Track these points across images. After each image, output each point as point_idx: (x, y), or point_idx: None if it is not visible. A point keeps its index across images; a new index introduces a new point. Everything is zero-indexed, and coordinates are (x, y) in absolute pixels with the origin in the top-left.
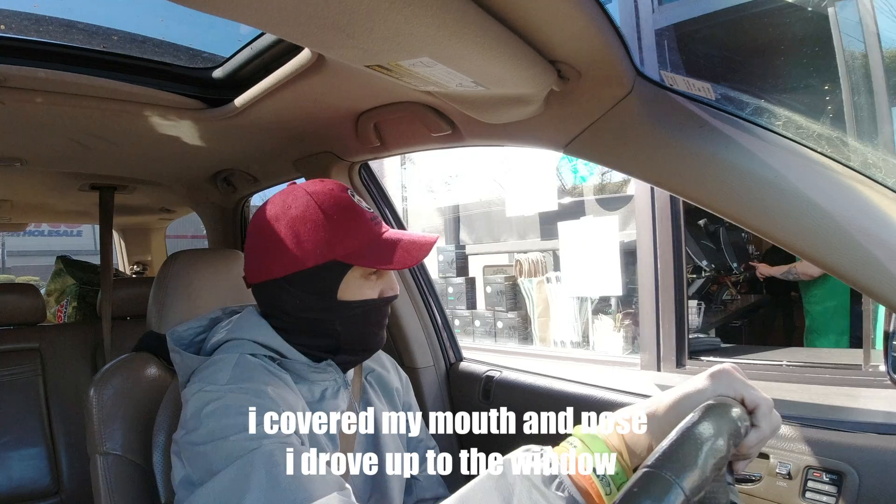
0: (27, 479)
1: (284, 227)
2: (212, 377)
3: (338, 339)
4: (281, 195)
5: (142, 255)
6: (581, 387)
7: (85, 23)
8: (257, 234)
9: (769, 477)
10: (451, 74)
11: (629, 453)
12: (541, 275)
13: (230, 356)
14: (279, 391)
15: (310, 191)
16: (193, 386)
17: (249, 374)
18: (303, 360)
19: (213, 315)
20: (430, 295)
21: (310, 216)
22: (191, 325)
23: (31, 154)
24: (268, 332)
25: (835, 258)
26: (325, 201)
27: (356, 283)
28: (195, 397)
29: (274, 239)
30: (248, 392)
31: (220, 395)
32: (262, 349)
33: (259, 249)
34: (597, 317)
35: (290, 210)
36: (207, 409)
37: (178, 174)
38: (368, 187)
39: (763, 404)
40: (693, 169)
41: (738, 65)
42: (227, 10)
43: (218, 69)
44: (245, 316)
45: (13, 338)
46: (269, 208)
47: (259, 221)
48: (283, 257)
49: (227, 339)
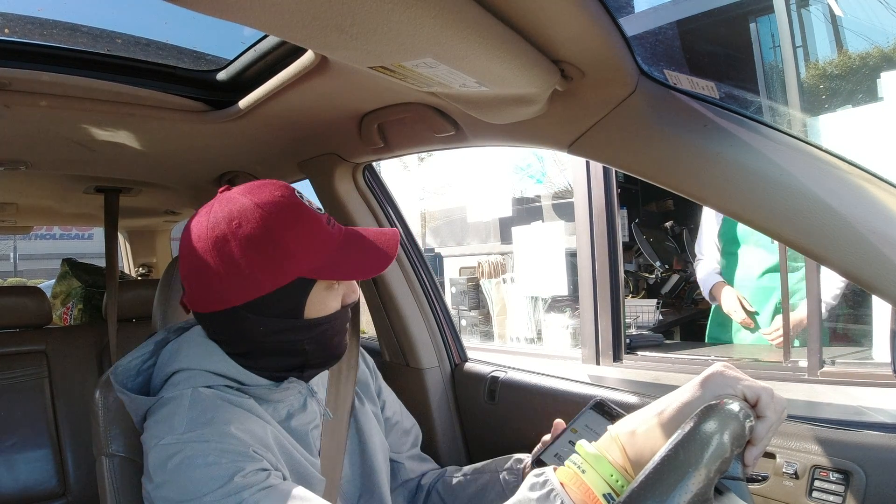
0: (34, 481)
1: (238, 249)
2: (168, 424)
3: (305, 357)
4: (221, 208)
5: (147, 257)
6: (585, 387)
7: (89, 26)
8: (201, 258)
9: (776, 476)
10: (455, 75)
11: (633, 466)
12: (499, 276)
13: (183, 394)
14: (245, 425)
15: (258, 202)
16: (150, 435)
17: (208, 414)
18: (264, 384)
19: (158, 338)
20: (434, 295)
21: (267, 233)
22: (135, 355)
23: (36, 157)
24: (221, 359)
25: (841, 256)
26: (281, 212)
27: (321, 296)
28: (154, 450)
29: (226, 264)
30: (210, 439)
31: (182, 447)
32: (218, 378)
33: (207, 276)
34: (549, 315)
35: (241, 228)
36: (172, 463)
37: (183, 176)
38: (372, 188)
39: (763, 394)
40: (697, 167)
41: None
42: (231, 12)
43: (222, 71)
44: (192, 340)
45: (19, 340)
46: (211, 226)
47: (200, 243)
48: (240, 283)
49: (176, 371)
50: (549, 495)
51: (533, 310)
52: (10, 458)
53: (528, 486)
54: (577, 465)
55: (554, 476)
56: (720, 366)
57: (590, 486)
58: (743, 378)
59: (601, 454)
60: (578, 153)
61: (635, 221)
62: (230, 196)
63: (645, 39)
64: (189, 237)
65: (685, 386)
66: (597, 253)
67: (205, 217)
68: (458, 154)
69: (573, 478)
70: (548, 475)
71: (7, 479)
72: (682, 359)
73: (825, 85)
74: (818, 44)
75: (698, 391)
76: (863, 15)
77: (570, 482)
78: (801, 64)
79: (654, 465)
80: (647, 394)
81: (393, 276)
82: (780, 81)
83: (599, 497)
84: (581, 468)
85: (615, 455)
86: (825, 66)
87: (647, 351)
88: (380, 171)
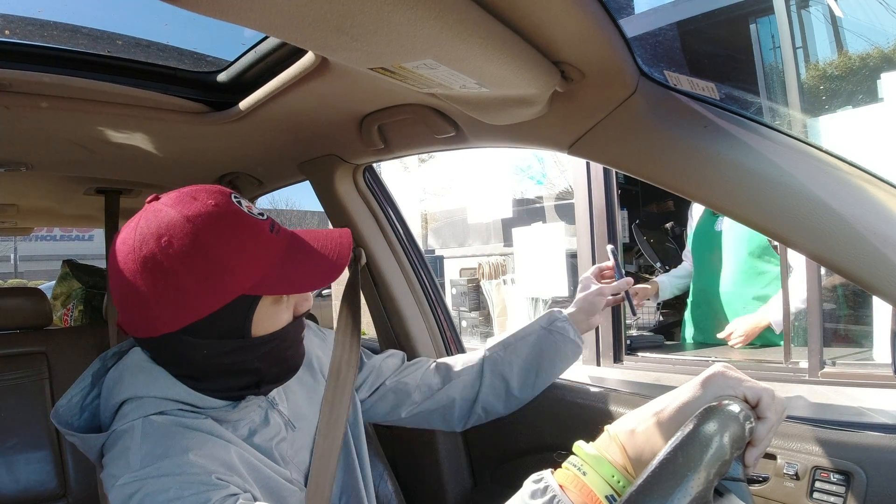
0: (34, 483)
1: (169, 270)
2: (123, 461)
3: (259, 375)
4: (147, 224)
5: None
6: (589, 388)
7: (89, 27)
8: (129, 281)
9: (776, 477)
10: (455, 76)
11: (633, 464)
12: (500, 277)
13: (133, 425)
14: (204, 450)
15: (188, 214)
16: (107, 474)
17: (162, 445)
18: (220, 405)
19: (94, 368)
20: (434, 296)
21: (200, 249)
22: (74, 391)
23: (36, 158)
24: (169, 384)
25: (841, 257)
26: (215, 224)
27: (268, 311)
28: (113, 491)
29: (158, 286)
30: (169, 472)
31: (140, 485)
32: (170, 403)
33: (138, 300)
34: None
35: (171, 245)
36: (133, 501)
37: (183, 178)
38: (373, 189)
39: (764, 395)
40: (698, 168)
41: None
42: (231, 14)
43: (222, 73)
44: (134, 365)
45: (19, 341)
46: (138, 244)
47: (128, 264)
48: (175, 307)
49: (125, 400)
50: (552, 502)
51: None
52: (10, 459)
53: (528, 492)
54: (577, 466)
55: (554, 481)
56: (721, 366)
57: (591, 489)
58: (744, 379)
59: (601, 454)
60: (579, 154)
61: (636, 222)
62: (157, 208)
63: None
64: (115, 257)
65: (685, 385)
66: (597, 254)
67: (131, 233)
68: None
69: (574, 480)
70: (547, 480)
71: (7, 480)
72: (683, 360)
73: (825, 86)
74: (818, 45)
75: (698, 391)
76: (863, 16)
77: (570, 485)
78: (802, 65)
79: (654, 467)
80: (648, 395)
81: (393, 276)
82: (781, 82)
83: (602, 499)
84: (581, 470)
85: (615, 454)
86: (825, 67)
87: (647, 352)
88: (380, 172)
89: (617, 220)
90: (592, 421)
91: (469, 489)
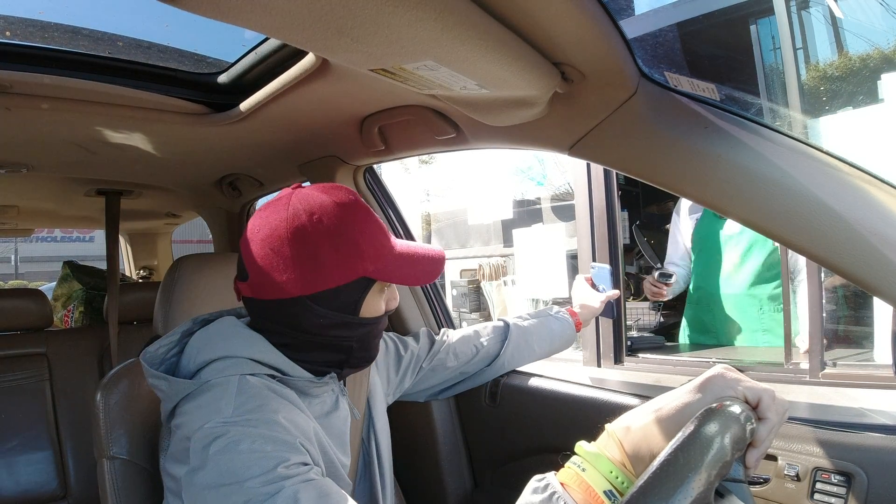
0: (34, 483)
1: (316, 242)
2: (213, 408)
3: (349, 355)
4: (300, 202)
5: (148, 259)
6: (589, 389)
7: (90, 29)
8: (277, 247)
9: (777, 479)
10: (455, 77)
11: (631, 461)
12: (500, 278)
13: (229, 380)
14: (290, 416)
15: (337, 200)
16: (190, 419)
17: (256, 401)
18: (306, 377)
19: (185, 328)
20: (435, 297)
21: (344, 230)
22: (162, 343)
23: (37, 160)
24: (266, 348)
25: (842, 259)
26: (356, 213)
27: (374, 298)
28: (199, 433)
29: (303, 253)
30: (258, 424)
31: (227, 430)
32: (262, 367)
33: (280, 264)
34: None
35: (322, 222)
36: (215, 446)
37: (184, 179)
38: (373, 191)
39: (765, 396)
40: (698, 170)
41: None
42: (232, 15)
43: (223, 74)
44: (231, 329)
45: (20, 343)
46: (291, 217)
47: (278, 232)
48: (311, 274)
49: (217, 358)
50: (552, 498)
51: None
52: (11, 460)
53: (530, 490)
54: (577, 464)
55: (555, 479)
56: (721, 368)
57: (590, 485)
58: (744, 380)
59: (600, 452)
60: (579, 155)
61: (636, 223)
62: (308, 193)
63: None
64: (263, 227)
65: (685, 386)
66: (598, 255)
67: (283, 209)
68: (459, 156)
69: (574, 477)
70: (549, 479)
71: (8, 481)
72: (684, 361)
73: (826, 87)
74: (818, 45)
75: (698, 393)
76: (863, 17)
77: (571, 482)
78: (802, 66)
79: (655, 468)
80: (649, 396)
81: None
82: (781, 83)
83: (600, 494)
84: (581, 467)
85: (613, 452)
86: (825, 68)
87: (648, 353)
88: (381, 173)
89: (617, 222)
90: (593, 422)
91: (470, 490)
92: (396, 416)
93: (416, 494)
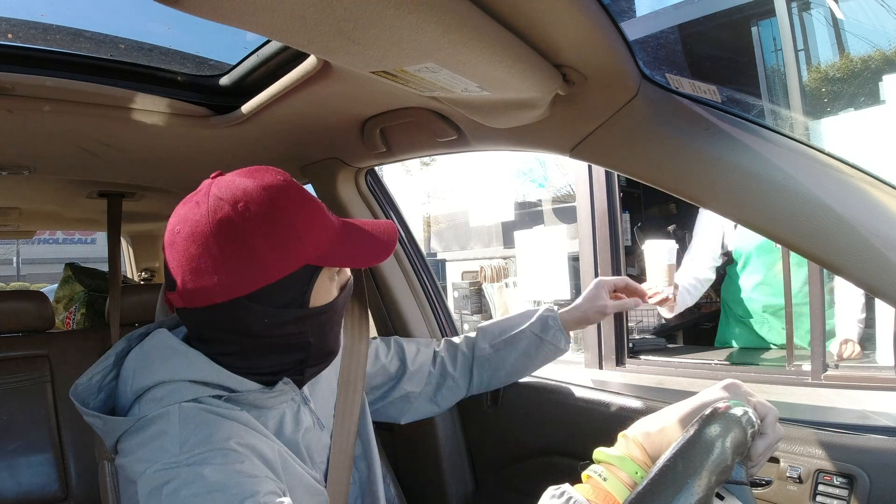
0: (36, 485)
1: (245, 233)
2: (156, 446)
3: (307, 352)
4: (220, 192)
5: (150, 261)
6: (591, 392)
7: (92, 31)
8: (201, 245)
9: (779, 481)
10: (457, 79)
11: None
12: (502, 280)
13: (169, 411)
14: (245, 441)
15: (263, 184)
16: (133, 460)
17: (203, 431)
18: (256, 389)
19: (119, 348)
20: (436, 299)
21: (276, 215)
22: (96, 370)
23: (39, 162)
24: (205, 365)
25: (844, 260)
26: (288, 193)
27: (324, 284)
28: (144, 477)
29: (232, 249)
30: (210, 459)
31: (177, 472)
32: (204, 388)
33: (207, 265)
34: None
35: (249, 210)
36: (167, 490)
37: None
38: (375, 193)
39: (770, 413)
40: (699, 171)
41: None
42: (233, 17)
43: (224, 76)
44: (165, 347)
45: (22, 345)
46: (213, 210)
47: (199, 228)
48: (246, 271)
49: (153, 385)
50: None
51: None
52: (12, 462)
53: (547, 496)
54: (598, 473)
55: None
56: (733, 380)
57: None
58: (754, 395)
59: (624, 454)
60: (580, 157)
61: (637, 225)
62: (229, 179)
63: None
64: (182, 225)
65: (703, 391)
66: (599, 257)
67: (202, 201)
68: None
69: (593, 491)
70: (564, 488)
71: (9, 483)
72: (685, 363)
73: (827, 88)
74: (820, 47)
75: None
76: (864, 18)
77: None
78: (803, 67)
79: (654, 473)
80: (651, 398)
81: (395, 279)
82: (782, 85)
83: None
84: (602, 476)
85: (636, 454)
86: (827, 70)
87: (650, 355)
88: (382, 175)
89: (619, 224)
90: (594, 424)
91: (471, 493)
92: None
93: (418, 497)
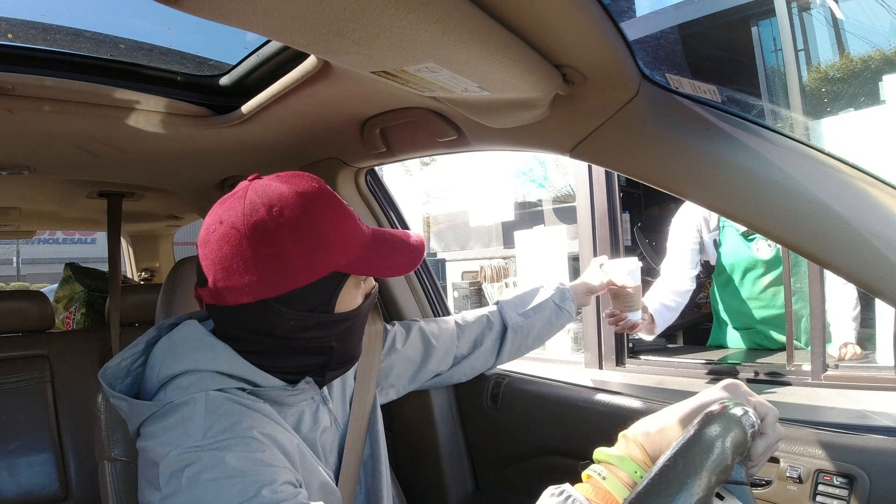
0: (36, 485)
1: (278, 237)
2: (181, 431)
3: (330, 356)
4: (257, 195)
5: (150, 261)
6: (590, 392)
7: (92, 31)
8: (234, 246)
9: (779, 481)
10: (457, 79)
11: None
12: (502, 280)
13: (195, 399)
14: (267, 431)
15: (298, 190)
16: (157, 443)
17: (227, 419)
18: (279, 385)
19: (149, 336)
20: (436, 299)
21: (308, 222)
22: (125, 355)
23: (39, 162)
24: (232, 358)
25: (843, 260)
26: (320, 201)
27: (350, 292)
28: (167, 459)
29: (264, 252)
30: (232, 445)
31: (199, 456)
32: (230, 380)
33: (239, 265)
34: None
35: (283, 215)
36: (188, 472)
37: (186, 181)
38: (375, 193)
39: (770, 413)
40: (699, 171)
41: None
42: (233, 17)
43: (224, 76)
44: (194, 338)
45: (22, 344)
46: (248, 213)
47: (234, 230)
48: (276, 274)
49: (181, 372)
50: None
51: None
52: (12, 461)
53: (547, 494)
54: (598, 472)
55: (575, 491)
56: (733, 380)
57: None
58: (754, 395)
59: (624, 454)
60: (580, 157)
61: (637, 225)
62: (265, 184)
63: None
64: (218, 225)
65: (702, 392)
66: None
67: (238, 204)
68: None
69: (593, 490)
70: (563, 487)
71: (9, 482)
72: (686, 363)
73: (827, 88)
74: (820, 47)
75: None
76: (864, 18)
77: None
78: (803, 67)
79: (654, 473)
80: (650, 397)
81: (395, 279)
82: (782, 85)
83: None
84: (602, 475)
85: (636, 453)
86: (827, 70)
87: (650, 355)
88: (382, 175)
89: (619, 223)
90: (595, 424)
91: (471, 493)
92: (397, 418)
93: (418, 497)
